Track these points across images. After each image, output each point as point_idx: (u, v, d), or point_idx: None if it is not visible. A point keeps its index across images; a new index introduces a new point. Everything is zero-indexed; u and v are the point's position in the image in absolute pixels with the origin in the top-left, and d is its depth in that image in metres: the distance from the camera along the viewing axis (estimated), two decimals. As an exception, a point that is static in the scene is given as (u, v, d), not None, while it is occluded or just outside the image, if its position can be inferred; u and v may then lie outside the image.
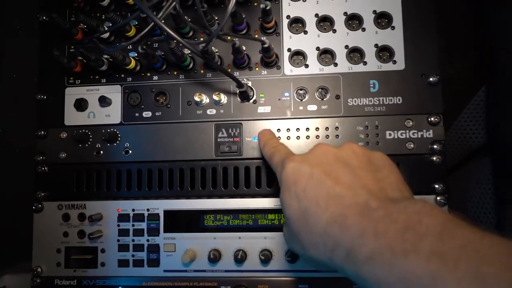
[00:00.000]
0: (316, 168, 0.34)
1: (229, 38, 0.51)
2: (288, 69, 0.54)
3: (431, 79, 0.52)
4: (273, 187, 0.53)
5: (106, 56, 0.55)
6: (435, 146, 0.51)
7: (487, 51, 0.48)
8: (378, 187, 0.33)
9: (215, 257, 0.52)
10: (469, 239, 0.24)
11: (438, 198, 0.50)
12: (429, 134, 0.52)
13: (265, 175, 0.54)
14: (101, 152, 0.56)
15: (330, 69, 0.54)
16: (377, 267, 0.27)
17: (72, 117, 0.57)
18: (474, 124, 0.52)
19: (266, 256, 0.51)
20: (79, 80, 0.57)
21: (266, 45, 0.48)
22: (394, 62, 0.53)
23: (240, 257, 0.52)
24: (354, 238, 0.29)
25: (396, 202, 0.30)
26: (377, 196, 0.32)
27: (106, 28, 0.54)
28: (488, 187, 0.49)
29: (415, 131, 0.52)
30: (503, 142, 0.46)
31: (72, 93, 0.57)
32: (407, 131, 0.52)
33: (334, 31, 0.54)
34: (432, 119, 0.51)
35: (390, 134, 0.52)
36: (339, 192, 0.32)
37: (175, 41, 0.46)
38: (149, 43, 0.56)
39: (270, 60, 0.53)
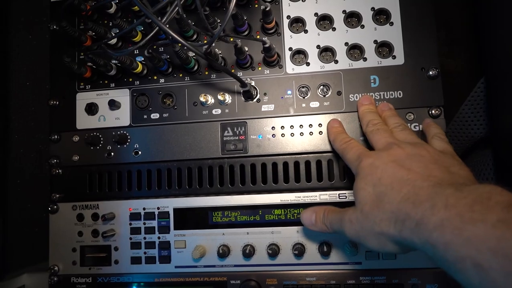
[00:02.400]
0: (390, 164, 0.40)
1: (231, 39, 0.53)
2: (290, 67, 0.56)
3: (430, 72, 0.53)
4: (278, 183, 0.55)
5: (114, 61, 0.57)
6: (436, 138, 0.52)
7: (485, 42, 0.49)
8: (449, 177, 0.37)
9: (224, 252, 0.53)
10: None
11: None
12: (431, 127, 0.52)
13: (270, 171, 0.55)
14: (112, 154, 0.58)
15: (331, 66, 0.55)
16: (446, 232, 0.30)
17: (84, 120, 0.59)
18: (475, 116, 0.53)
19: (273, 251, 0.53)
20: (89, 85, 0.60)
21: (267, 45, 0.49)
22: (394, 57, 0.54)
23: (248, 252, 0.53)
24: (424, 210, 0.33)
25: (466, 185, 0.33)
26: (448, 182, 0.35)
27: (113, 34, 0.57)
28: (490, 178, 0.50)
29: (417, 124, 0.53)
30: (503, 133, 0.46)
31: (83, 98, 0.59)
32: (409, 124, 0.53)
33: (334, 29, 0.55)
34: (433, 111, 0.52)
35: (391, 128, 0.53)
36: (411, 178, 0.37)
37: (179, 44, 0.48)
38: (154, 47, 0.58)
39: (272, 59, 0.55)
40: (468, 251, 0.28)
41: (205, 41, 0.56)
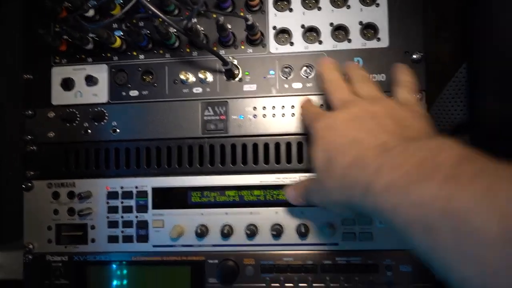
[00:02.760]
0: (344, 124, 0.37)
1: (214, 16, 0.51)
2: (274, 47, 0.55)
3: (414, 56, 0.52)
4: (258, 164, 0.54)
5: (91, 35, 0.55)
6: (417, 123, 0.52)
7: (468, 27, 0.49)
8: (401, 131, 0.34)
9: (202, 232, 0.53)
10: (485, 165, 0.25)
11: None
12: (412, 111, 0.52)
13: (251, 152, 0.54)
14: (89, 131, 0.57)
15: (315, 47, 0.54)
16: (392, 195, 0.28)
17: (59, 96, 0.57)
18: (456, 101, 0.53)
19: (251, 231, 0.53)
20: (65, 60, 0.57)
21: (249, 22, 0.48)
22: (378, 39, 0.53)
23: (226, 232, 0.53)
24: (371, 174, 0.31)
25: (416, 141, 0.31)
26: (398, 137, 0.33)
27: (90, 6, 0.54)
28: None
29: (398, 108, 0.53)
30: (480, 118, 0.47)
31: (58, 73, 0.57)
32: (390, 108, 0.53)
33: (319, 8, 0.54)
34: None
35: (373, 111, 0.53)
36: (360, 138, 0.34)
37: (159, 19, 0.46)
38: (134, 21, 0.56)
39: (255, 38, 0.53)
40: (416, 214, 0.26)
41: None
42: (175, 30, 0.55)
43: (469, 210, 0.23)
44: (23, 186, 0.57)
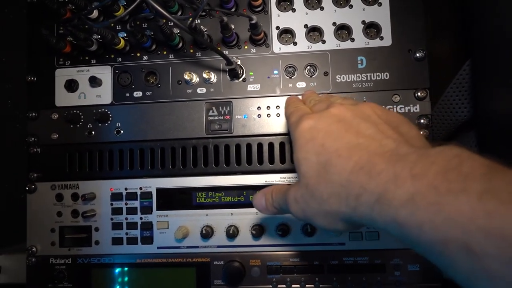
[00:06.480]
0: (334, 124, 0.33)
1: (218, 15, 0.51)
2: (277, 47, 0.55)
3: (417, 54, 0.52)
4: (263, 164, 0.54)
5: (95, 36, 0.55)
6: (421, 121, 0.52)
7: (472, 23, 0.49)
8: (403, 139, 0.31)
9: (207, 233, 0.53)
10: None
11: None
12: (416, 109, 0.52)
13: (255, 152, 0.54)
14: (93, 132, 0.56)
15: (318, 46, 0.54)
16: (420, 209, 0.24)
17: (63, 98, 0.57)
18: (460, 99, 0.53)
19: (257, 231, 0.52)
20: (69, 61, 0.57)
21: (253, 21, 0.48)
22: (381, 38, 0.53)
23: (232, 232, 0.53)
24: (385, 183, 0.27)
25: (428, 148, 0.28)
26: (404, 144, 0.30)
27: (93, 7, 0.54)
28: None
29: (402, 106, 0.53)
30: (486, 115, 0.47)
31: (62, 74, 0.57)
32: (395, 106, 0.53)
33: (322, 8, 0.54)
34: (419, 93, 0.52)
35: (377, 109, 0.53)
36: (362, 142, 0.31)
37: (163, 19, 0.46)
38: (138, 23, 0.56)
39: (258, 37, 0.53)
40: (452, 232, 0.22)
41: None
42: (179, 31, 0.55)
43: None
44: (26, 188, 0.56)
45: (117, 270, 0.55)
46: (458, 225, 0.22)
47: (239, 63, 0.55)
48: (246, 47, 0.55)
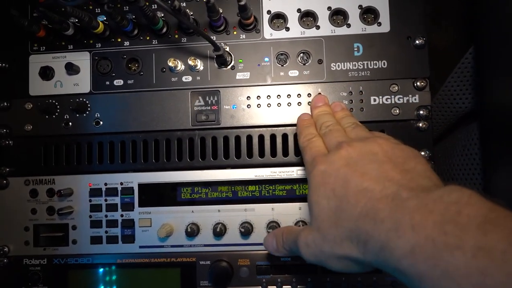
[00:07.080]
0: (343, 169, 0.35)
1: (204, -2, 0.48)
2: (268, 32, 0.51)
3: (417, 41, 0.49)
4: (252, 158, 0.51)
5: (72, 20, 0.51)
6: (421, 112, 0.49)
7: (477, 8, 0.46)
8: (407, 178, 0.32)
9: (193, 231, 0.50)
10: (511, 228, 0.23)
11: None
12: (415, 99, 0.50)
13: (244, 144, 0.51)
14: (70, 123, 0.53)
15: (312, 32, 0.51)
16: (419, 262, 0.26)
17: (38, 86, 0.53)
18: (461, 89, 0.50)
19: (246, 229, 0.49)
20: (44, 47, 0.53)
21: (242, 3, 0.45)
22: (379, 24, 0.50)
23: (219, 230, 0.49)
24: (388, 231, 0.28)
25: (429, 191, 0.29)
26: (407, 186, 0.31)
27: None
28: (475, 152, 0.47)
29: (401, 96, 0.50)
30: (491, 104, 0.44)
31: (36, 61, 0.53)
32: (393, 96, 0.50)
33: (316, -9, 0.51)
34: (418, 83, 0.49)
35: (374, 100, 0.50)
36: (367, 187, 0.32)
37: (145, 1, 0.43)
38: (119, 5, 0.52)
39: (248, 22, 0.50)
40: (448, 287, 0.24)
41: None
42: (162, 14, 0.51)
43: None
44: (-3, 183, 0.52)
45: (96, 271, 0.51)
46: (453, 281, 0.24)
47: (227, 49, 0.51)
48: (235, 33, 0.52)
